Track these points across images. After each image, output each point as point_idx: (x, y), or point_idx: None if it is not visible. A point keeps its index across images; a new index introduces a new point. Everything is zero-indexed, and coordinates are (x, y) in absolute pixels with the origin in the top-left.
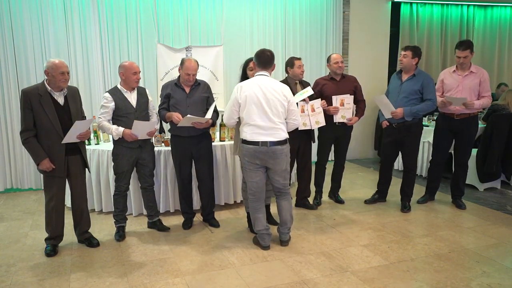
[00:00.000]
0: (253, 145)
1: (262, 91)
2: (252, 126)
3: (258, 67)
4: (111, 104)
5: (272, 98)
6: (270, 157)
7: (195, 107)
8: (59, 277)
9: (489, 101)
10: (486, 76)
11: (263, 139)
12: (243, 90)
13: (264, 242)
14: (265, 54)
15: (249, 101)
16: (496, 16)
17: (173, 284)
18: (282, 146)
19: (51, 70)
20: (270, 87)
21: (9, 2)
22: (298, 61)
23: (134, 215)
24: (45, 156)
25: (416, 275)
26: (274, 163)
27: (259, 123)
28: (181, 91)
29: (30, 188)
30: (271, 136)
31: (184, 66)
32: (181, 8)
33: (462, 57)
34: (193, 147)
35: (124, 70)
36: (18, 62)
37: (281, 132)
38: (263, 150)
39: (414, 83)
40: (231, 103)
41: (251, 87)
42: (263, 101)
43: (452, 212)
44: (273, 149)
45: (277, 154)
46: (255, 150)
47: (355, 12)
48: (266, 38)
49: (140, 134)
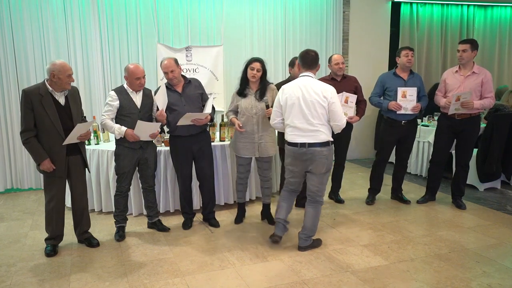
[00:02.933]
0: (293, 146)
1: (302, 93)
2: (292, 127)
3: (303, 68)
4: (116, 103)
5: (311, 99)
6: (308, 159)
7: (192, 104)
8: (59, 277)
9: (492, 102)
10: (489, 77)
11: (302, 140)
12: (284, 92)
13: (276, 230)
14: (309, 55)
15: (289, 103)
16: (496, 16)
17: (173, 284)
18: (321, 148)
19: (58, 72)
20: (311, 88)
21: (9, 2)
22: None
23: (134, 215)
24: (46, 157)
25: (416, 275)
26: (312, 164)
27: (298, 125)
28: (174, 92)
29: (30, 188)
30: (310, 138)
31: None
32: (181, 8)
33: (461, 50)
34: (193, 146)
35: (127, 75)
36: (18, 62)
37: (321, 134)
38: (300, 152)
39: (415, 81)
40: (275, 105)
41: (292, 89)
42: (302, 103)
43: (452, 212)
44: (312, 150)
45: (315, 155)
46: (294, 151)
47: (355, 12)
48: (266, 38)
49: (142, 135)
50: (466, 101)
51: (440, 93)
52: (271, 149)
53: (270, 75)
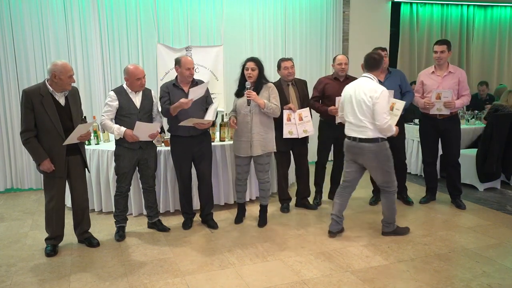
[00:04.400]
0: (347, 139)
1: (355, 91)
2: (347, 122)
3: (365, 69)
4: (115, 103)
5: (360, 98)
6: (357, 153)
7: (195, 106)
8: (59, 277)
9: (469, 99)
10: (464, 76)
11: (353, 134)
12: (345, 90)
13: (330, 227)
14: (371, 58)
15: (346, 100)
16: (496, 16)
17: (173, 284)
18: (369, 144)
19: (60, 73)
20: (362, 87)
21: (9, 2)
22: (285, 62)
23: (134, 215)
24: (46, 157)
25: (416, 275)
26: (363, 159)
27: (351, 120)
28: (180, 91)
29: (30, 188)
30: (359, 133)
31: (182, 62)
32: (181, 8)
33: (439, 52)
34: (194, 147)
35: (128, 76)
36: (18, 62)
37: (368, 131)
38: (351, 145)
39: (394, 80)
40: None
41: (349, 87)
42: (354, 100)
43: (452, 212)
44: (360, 145)
45: (364, 151)
46: (348, 144)
47: (355, 12)
48: (266, 38)
49: (141, 136)
50: (447, 101)
51: (418, 94)
52: (260, 148)
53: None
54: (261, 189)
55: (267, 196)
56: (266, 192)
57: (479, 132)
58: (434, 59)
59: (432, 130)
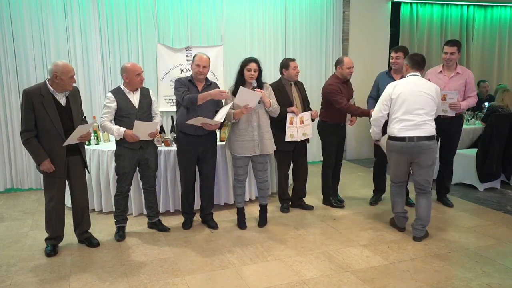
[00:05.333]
0: (400, 142)
1: (412, 90)
2: (402, 121)
3: (412, 68)
4: (113, 104)
5: (422, 95)
6: (417, 152)
7: (205, 106)
8: (59, 277)
9: (475, 101)
10: (472, 77)
11: (411, 134)
12: (397, 88)
13: (400, 224)
14: (422, 58)
15: (401, 97)
16: (496, 16)
17: (173, 284)
18: (430, 141)
19: (61, 73)
20: (422, 86)
21: (9, 2)
22: (293, 62)
23: (134, 215)
24: (46, 157)
25: (416, 275)
26: (422, 158)
27: (409, 118)
28: (195, 89)
29: (30, 188)
30: (420, 132)
31: (196, 58)
32: (181, 8)
33: (449, 53)
34: (199, 147)
35: (127, 73)
36: (18, 62)
37: (430, 127)
38: (409, 146)
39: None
40: (383, 99)
41: (405, 85)
42: (413, 99)
43: (452, 212)
44: (421, 144)
45: (424, 149)
46: (403, 145)
47: (355, 12)
48: (266, 38)
49: (141, 135)
50: (453, 102)
51: None
52: (270, 146)
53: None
54: (261, 188)
55: (266, 196)
56: (265, 191)
57: (479, 132)
58: (443, 60)
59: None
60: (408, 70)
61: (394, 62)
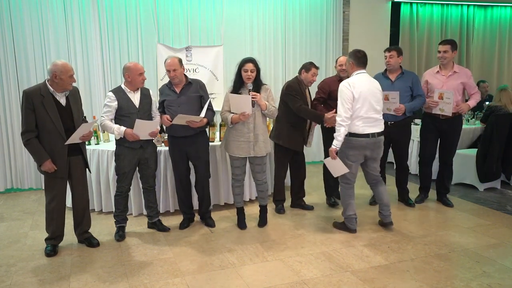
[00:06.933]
0: (364, 138)
1: (369, 88)
2: (364, 119)
3: (357, 66)
4: (114, 104)
5: (377, 92)
6: (375, 147)
7: (187, 106)
8: (59, 277)
9: (479, 96)
10: (469, 74)
11: (372, 130)
12: (356, 87)
13: (353, 226)
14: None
15: (362, 96)
16: (496, 16)
17: (173, 284)
18: (382, 136)
19: (60, 73)
20: (373, 84)
21: (9, 2)
22: (316, 70)
23: (134, 215)
24: (47, 157)
25: (416, 275)
26: (377, 152)
27: (371, 116)
28: (172, 92)
29: (30, 188)
30: (377, 128)
31: (165, 64)
32: (181, 8)
33: (442, 51)
34: (188, 147)
35: (129, 72)
36: (18, 62)
37: (382, 122)
38: (371, 141)
39: (405, 81)
40: (346, 101)
41: (362, 84)
42: (371, 97)
43: (452, 212)
44: (379, 139)
45: (381, 143)
46: (367, 142)
47: (355, 12)
48: (266, 38)
49: (142, 134)
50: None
51: None
52: (264, 148)
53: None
54: (260, 190)
55: (266, 197)
56: (265, 192)
57: (479, 132)
58: (438, 59)
59: (433, 130)
60: (354, 68)
61: (387, 62)
